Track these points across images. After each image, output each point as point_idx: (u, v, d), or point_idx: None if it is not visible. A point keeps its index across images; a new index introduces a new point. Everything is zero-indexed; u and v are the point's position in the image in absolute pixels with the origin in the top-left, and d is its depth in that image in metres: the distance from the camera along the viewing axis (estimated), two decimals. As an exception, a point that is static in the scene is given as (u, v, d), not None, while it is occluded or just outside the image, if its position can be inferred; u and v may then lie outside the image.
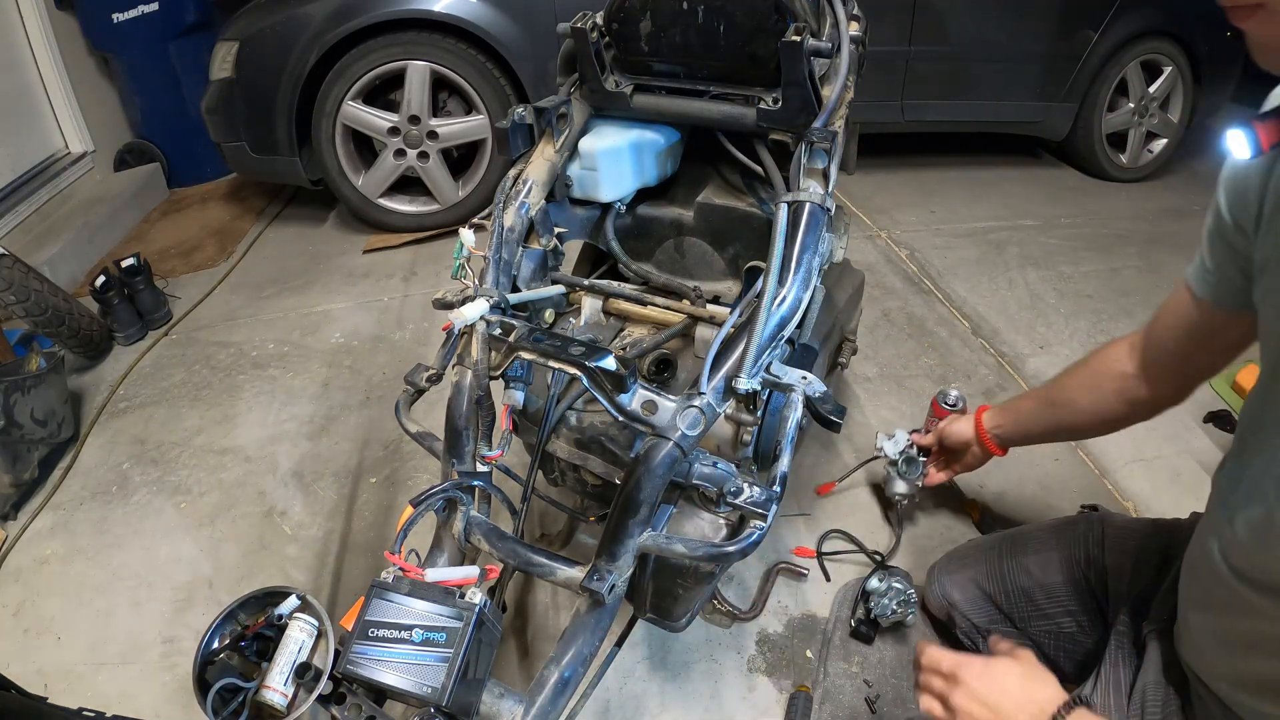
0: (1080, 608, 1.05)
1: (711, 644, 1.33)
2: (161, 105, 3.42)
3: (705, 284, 1.18)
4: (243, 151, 2.72)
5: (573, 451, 1.12)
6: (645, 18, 1.09)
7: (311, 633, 0.78)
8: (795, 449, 0.94)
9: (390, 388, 2.03)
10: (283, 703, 0.74)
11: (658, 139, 1.19)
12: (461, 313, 0.95)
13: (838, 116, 1.03)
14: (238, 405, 2.02)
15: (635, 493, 0.84)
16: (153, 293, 2.42)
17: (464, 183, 2.79)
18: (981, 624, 1.17)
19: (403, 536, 0.86)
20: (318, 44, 2.49)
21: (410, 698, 0.74)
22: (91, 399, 2.10)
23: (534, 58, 2.58)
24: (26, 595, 1.53)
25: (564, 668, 0.83)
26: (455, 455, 0.97)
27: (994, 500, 1.60)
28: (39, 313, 1.99)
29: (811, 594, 1.41)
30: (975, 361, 2.02)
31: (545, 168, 1.16)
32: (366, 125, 2.65)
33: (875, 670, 1.27)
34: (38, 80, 3.20)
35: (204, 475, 1.79)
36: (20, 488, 1.73)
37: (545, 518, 1.57)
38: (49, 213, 3.01)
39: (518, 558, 0.92)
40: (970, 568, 1.20)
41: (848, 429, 1.79)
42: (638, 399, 0.86)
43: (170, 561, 1.58)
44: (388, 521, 1.62)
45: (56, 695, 1.01)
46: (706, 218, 1.18)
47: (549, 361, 0.89)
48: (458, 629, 0.75)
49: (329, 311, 2.43)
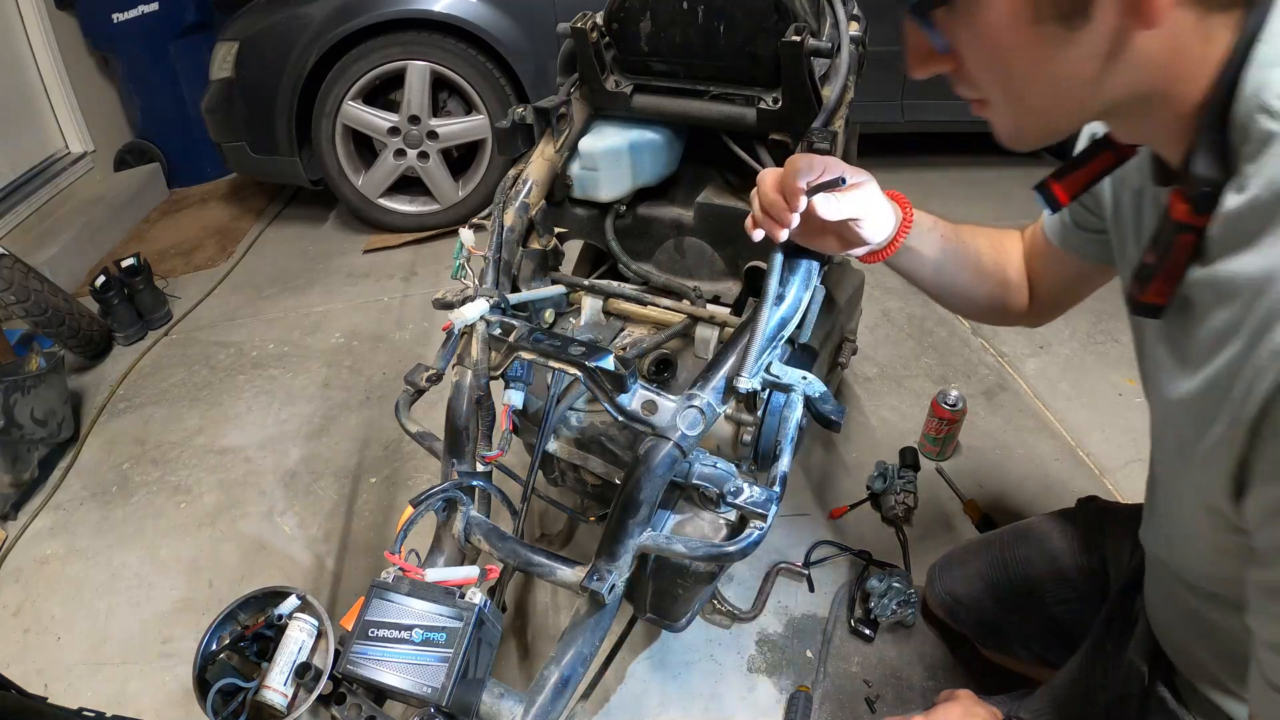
0: (1083, 595, 1.05)
1: (711, 644, 1.33)
2: (161, 105, 3.42)
3: (705, 284, 1.18)
4: (243, 151, 2.72)
5: (573, 451, 1.12)
6: (645, 18, 1.09)
7: (311, 633, 0.78)
8: (795, 449, 0.94)
9: (390, 388, 2.03)
10: (283, 703, 0.74)
11: (658, 139, 1.19)
12: (461, 313, 0.95)
13: (838, 116, 1.03)
14: (238, 405, 2.02)
15: (635, 493, 0.84)
16: (153, 293, 2.42)
17: (464, 183, 2.79)
18: (986, 618, 1.17)
19: (403, 536, 0.86)
20: (318, 44, 2.49)
21: (410, 698, 0.74)
22: (91, 399, 2.10)
23: (534, 58, 2.58)
24: (26, 595, 1.53)
25: (564, 668, 0.83)
26: (455, 455, 0.97)
27: (994, 501, 1.59)
28: (39, 313, 1.99)
29: (812, 594, 1.41)
30: (975, 361, 2.02)
31: (545, 168, 1.16)
32: (366, 125, 2.65)
33: (875, 670, 1.27)
34: (38, 80, 3.20)
35: (204, 475, 1.79)
36: (20, 488, 1.73)
37: (545, 518, 1.57)
38: (49, 213, 3.01)
39: (518, 558, 0.92)
40: (972, 564, 1.20)
41: (848, 429, 1.79)
42: (638, 399, 0.86)
43: (170, 561, 1.58)
44: (388, 521, 1.62)
45: (56, 695, 1.01)
46: (706, 218, 1.18)
47: (549, 361, 0.89)
48: (458, 629, 0.75)
49: (329, 311, 2.43)
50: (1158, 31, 0.48)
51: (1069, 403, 1.85)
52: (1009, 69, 0.55)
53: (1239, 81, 0.49)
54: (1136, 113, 0.55)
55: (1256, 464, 0.51)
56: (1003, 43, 0.53)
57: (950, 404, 1.60)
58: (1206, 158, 0.52)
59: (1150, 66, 0.51)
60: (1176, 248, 0.55)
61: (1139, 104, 0.54)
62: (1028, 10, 0.50)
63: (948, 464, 1.68)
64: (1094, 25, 0.49)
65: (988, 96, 0.59)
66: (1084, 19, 0.49)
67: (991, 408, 1.84)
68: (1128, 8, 0.48)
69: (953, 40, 0.56)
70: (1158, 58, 0.50)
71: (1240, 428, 0.50)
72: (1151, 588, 0.83)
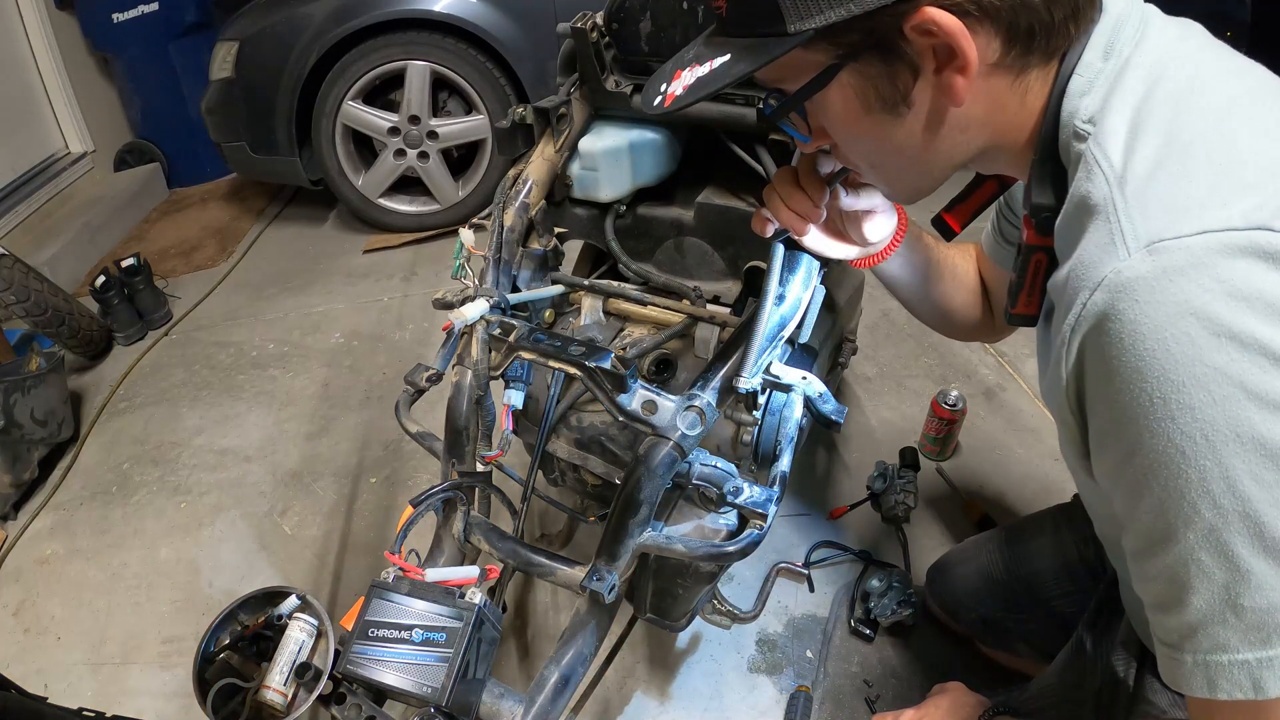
0: (1082, 588, 1.06)
1: (711, 644, 1.33)
2: (161, 105, 3.42)
3: (705, 284, 1.18)
4: (243, 151, 2.72)
5: (573, 451, 1.12)
6: (645, 18, 1.09)
7: (311, 633, 0.78)
8: (795, 449, 0.94)
9: (390, 388, 2.03)
10: (283, 703, 0.74)
11: (658, 139, 1.19)
12: (461, 313, 0.95)
13: (838, 116, 1.03)
14: (238, 405, 2.02)
15: (635, 493, 0.84)
16: (153, 293, 2.42)
17: (464, 183, 2.79)
18: (987, 616, 1.17)
19: (403, 536, 0.86)
20: (318, 44, 2.49)
21: (410, 698, 0.74)
22: (91, 399, 2.10)
23: (534, 58, 2.58)
24: (26, 595, 1.53)
25: (564, 668, 0.83)
26: (455, 455, 0.97)
27: (994, 501, 1.59)
28: (39, 313, 1.99)
29: (811, 594, 1.41)
30: (975, 361, 2.01)
31: (545, 168, 1.16)
32: (366, 125, 2.65)
33: (875, 670, 1.27)
34: (38, 80, 3.20)
35: (204, 475, 1.79)
36: (20, 488, 1.73)
37: (545, 518, 1.57)
38: (49, 213, 3.01)
39: (518, 558, 0.92)
40: (971, 563, 1.21)
41: (848, 429, 1.79)
42: (638, 399, 0.86)
43: (170, 561, 1.58)
44: (388, 521, 1.62)
45: (56, 695, 1.01)
46: (706, 218, 1.18)
47: (549, 361, 0.89)
48: (458, 629, 0.75)
49: (329, 311, 2.43)
50: (973, 101, 0.56)
51: (1069, 403, 1.85)
52: (862, 147, 0.65)
53: (1060, 116, 0.57)
54: (985, 160, 0.64)
55: (1090, 439, 0.56)
56: (849, 129, 0.62)
57: (950, 404, 1.59)
58: (1040, 187, 0.60)
59: (974, 128, 0.59)
60: (1032, 266, 0.63)
61: (979, 155, 0.63)
62: (860, 105, 0.58)
63: (948, 464, 1.68)
64: (916, 109, 0.58)
65: (857, 168, 0.70)
66: (906, 107, 0.57)
67: (991, 408, 1.84)
68: (939, 93, 0.56)
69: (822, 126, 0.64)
70: (978, 120, 0.59)
71: (1068, 410, 0.57)
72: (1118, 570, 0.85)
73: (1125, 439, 0.50)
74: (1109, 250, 0.49)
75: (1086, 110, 0.55)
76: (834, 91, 0.58)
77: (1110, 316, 0.48)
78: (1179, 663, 0.53)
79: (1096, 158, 0.53)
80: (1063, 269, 0.55)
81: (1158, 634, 0.56)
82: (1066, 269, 0.54)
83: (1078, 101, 0.55)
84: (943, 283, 0.97)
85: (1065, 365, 0.54)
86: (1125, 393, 0.49)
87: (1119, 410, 0.50)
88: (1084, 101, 0.55)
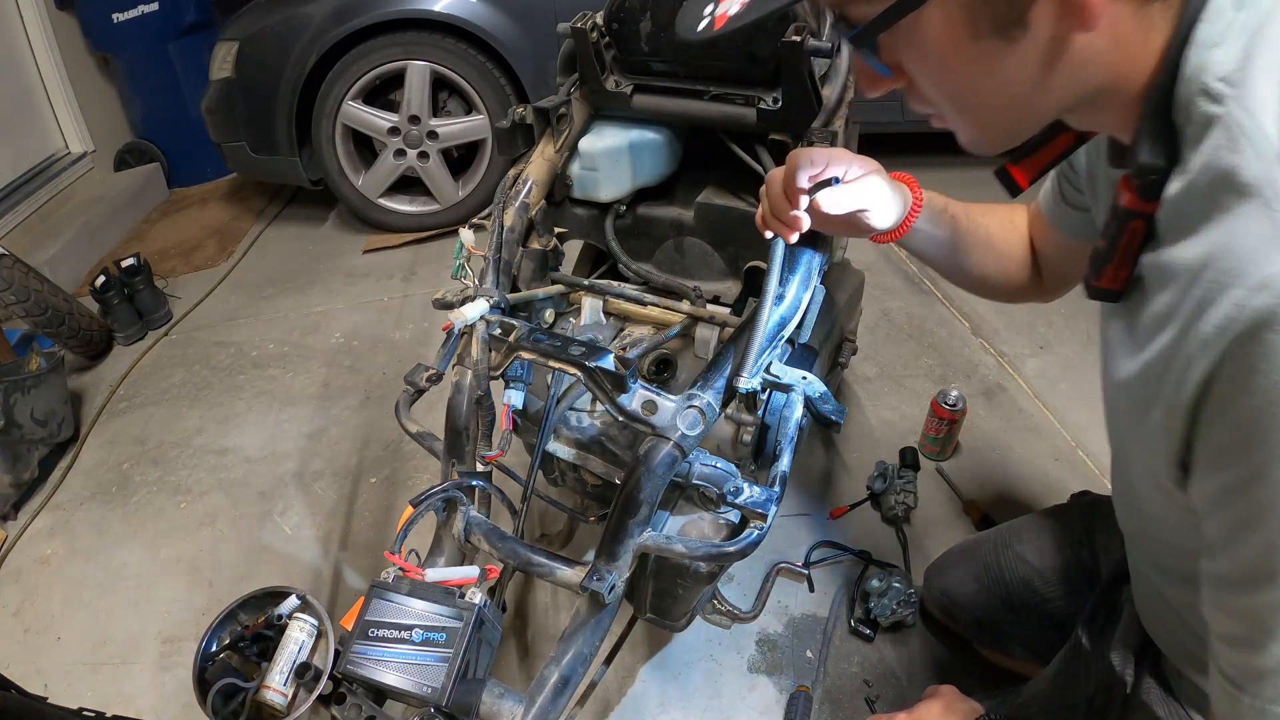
0: (1078, 590, 1.06)
1: (711, 644, 1.33)
2: (161, 105, 3.42)
3: (705, 284, 1.18)
4: (243, 151, 2.72)
5: (573, 451, 1.12)
6: (645, 17, 1.09)
7: (311, 633, 0.78)
8: (795, 449, 0.94)
9: (390, 388, 2.03)
10: (283, 703, 0.74)
11: (658, 139, 1.19)
12: (461, 313, 0.95)
13: (838, 116, 1.03)
14: (238, 405, 2.02)
15: (635, 493, 0.84)
16: (153, 293, 2.42)
17: (464, 183, 2.79)
18: (983, 618, 1.17)
19: (403, 536, 0.86)
20: (318, 44, 2.49)
21: (410, 698, 0.74)
22: (91, 399, 2.10)
23: (534, 58, 2.58)
24: (26, 595, 1.53)
25: (564, 668, 0.83)
26: (455, 455, 0.97)
27: (994, 501, 1.59)
28: (39, 313, 1.99)
29: (811, 594, 1.41)
30: (975, 361, 2.01)
31: (545, 168, 1.16)
32: (366, 125, 2.65)
33: (875, 670, 1.27)
34: (38, 80, 3.20)
35: (204, 475, 1.79)
36: (20, 488, 1.73)
37: (545, 518, 1.57)
38: (49, 213, 3.01)
39: (518, 558, 0.92)
40: (967, 564, 1.20)
41: (848, 429, 1.79)
42: (638, 399, 0.86)
43: (170, 561, 1.58)
44: (388, 521, 1.62)
45: (56, 695, 1.01)
46: (706, 218, 1.18)
47: (549, 361, 0.89)
48: (457, 629, 0.75)
49: (329, 311, 2.43)
50: (1100, 29, 0.48)
51: (1069, 403, 1.85)
52: (955, 84, 0.55)
53: (1180, 64, 0.48)
54: (1088, 107, 0.55)
55: (1197, 451, 0.50)
56: (946, 61, 0.53)
57: (950, 404, 1.60)
58: (1150, 145, 0.51)
59: (1094, 64, 0.51)
60: (1127, 234, 0.55)
61: (1089, 99, 0.54)
62: (966, 28, 0.50)
63: (948, 464, 1.68)
64: (1032, 34, 0.49)
65: (940, 111, 0.59)
66: (1022, 30, 0.48)
67: (991, 408, 1.84)
68: (1064, 13, 0.47)
69: (901, 60, 0.56)
70: (1100, 55, 0.50)
71: (1177, 415, 0.50)
72: (1134, 572, 0.84)
73: (1250, 464, 0.45)
74: (1273, 244, 0.42)
75: (1221, 66, 0.47)
76: (935, 10, 0.50)
77: (1271, 325, 0.42)
78: (1236, 700, 0.52)
79: (1246, 127, 0.45)
80: (1182, 248, 0.48)
81: (1219, 664, 0.54)
82: (1197, 252, 0.47)
83: (1206, 54, 0.47)
84: (974, 253, 0.93)
85: (1196, 367, 0.47)
86: (1266, 413, 0.43)
87: (1251, 431, 0.44)
88: (1215, 55, 0.47)
